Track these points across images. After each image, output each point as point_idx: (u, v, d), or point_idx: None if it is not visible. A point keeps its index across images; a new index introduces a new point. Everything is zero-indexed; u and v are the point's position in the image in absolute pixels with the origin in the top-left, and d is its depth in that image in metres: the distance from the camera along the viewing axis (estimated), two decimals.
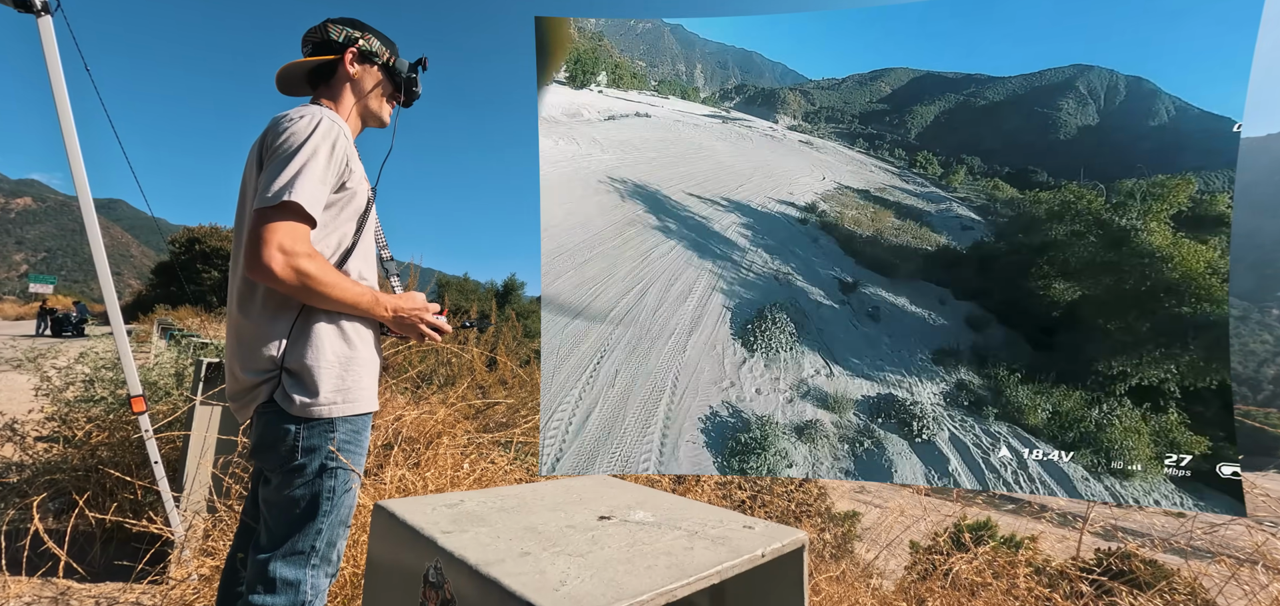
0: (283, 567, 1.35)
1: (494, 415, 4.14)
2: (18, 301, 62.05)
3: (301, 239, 1.30)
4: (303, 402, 1.34)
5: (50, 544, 2.30)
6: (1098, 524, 2.61)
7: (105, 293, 2.55)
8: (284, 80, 1.60)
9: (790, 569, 1.44)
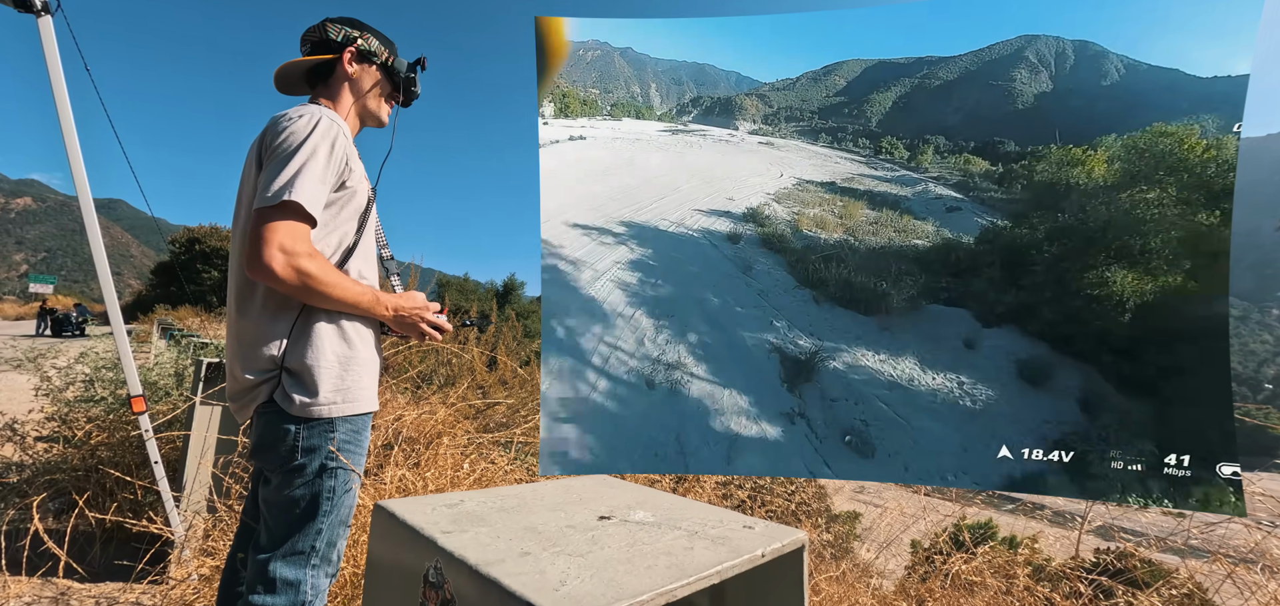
0: (283, 567, 1.35)
1: (494, 415, 4.14)
2: (18, 301, 62.04)
3: (302, 238, 1.30)
4: (303, 402, 1.34)
5: (50, 544, 2.30)
6: (1096, 523, 2.61)
7: (105, 293, 2.55)
8: (282, 79, 1.60)
9: (790, 569, 1.44)
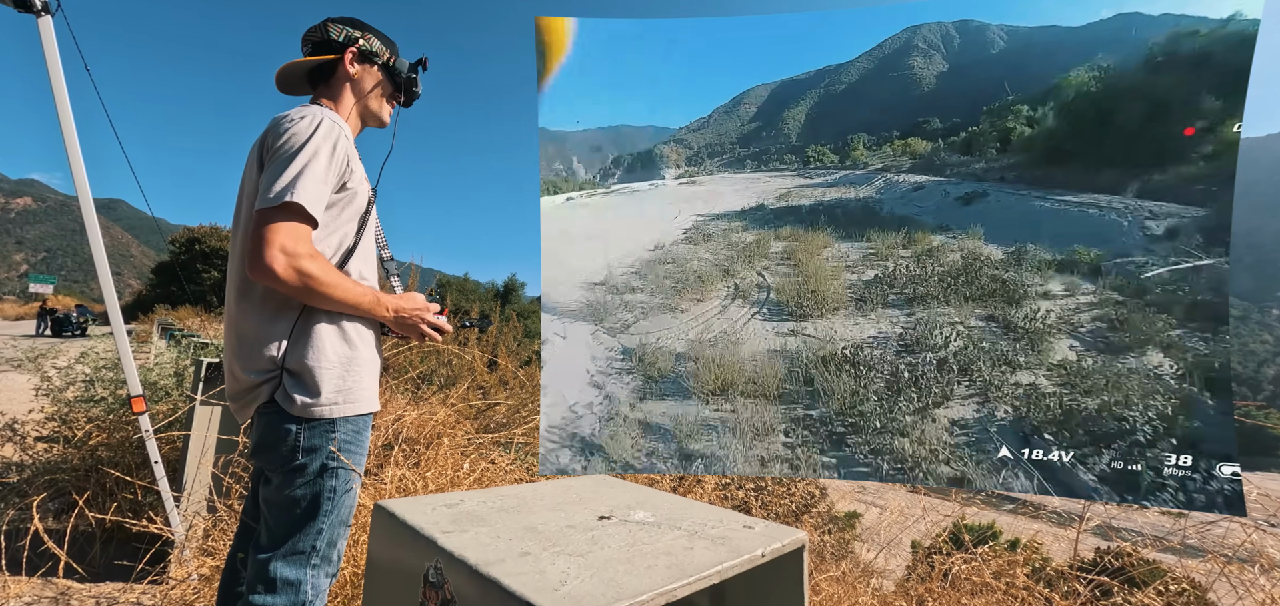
0: (283, 567, 1.35)
1: (494, 415, 4.14)
2: (18, 301, 62.03)
3: (303, 239, 1.30)
4: (304, 403, 1.35)
5: (50, 544, 2.30)
6: (1096, 523, 2.61)
7: (105, 293, 2.55)
8: (284, 80, 1.60)
9: (790, 569, 1.44)
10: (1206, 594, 2.33)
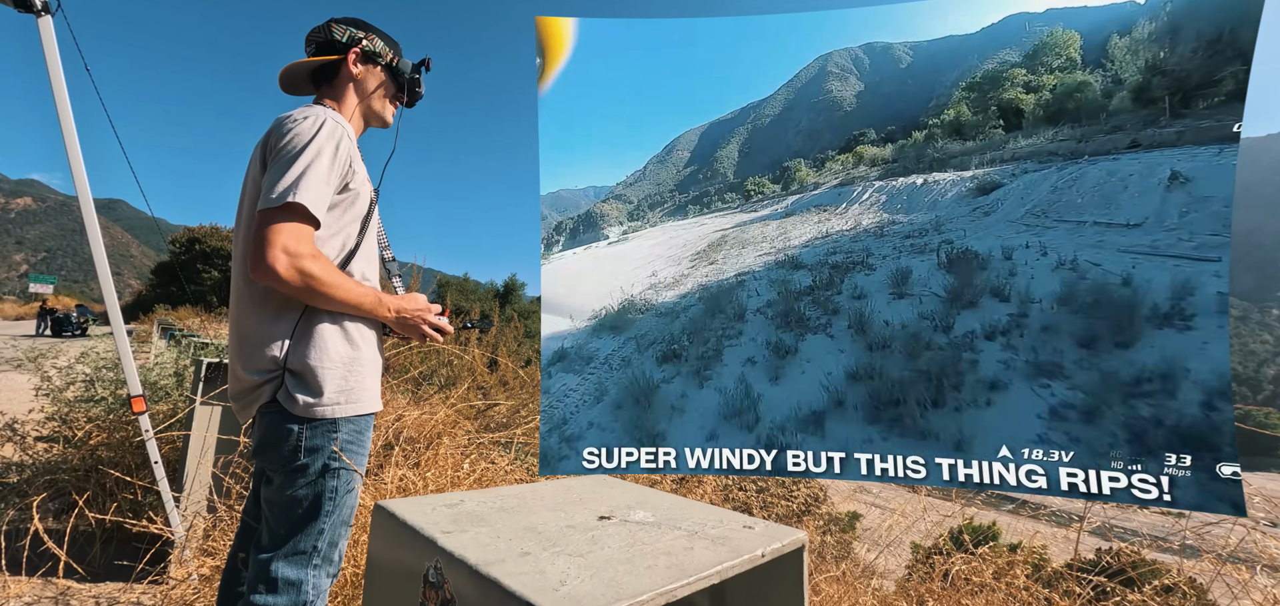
0: (284, 567, 1.35)
1: (494, 415, 4.14)
2: (18, 301, 62.05)
3: (305, 240, 1.30)
4: (306, 403, 1.35)
5: (50, 544, 2.30)
6: (1096, 523, 2.61)
7: (105, 293, 2.55)
8: (287, 80, 1.60)
9: (790, 569, 1.44)
10: (1206, 594, 2.33)
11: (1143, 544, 2.52)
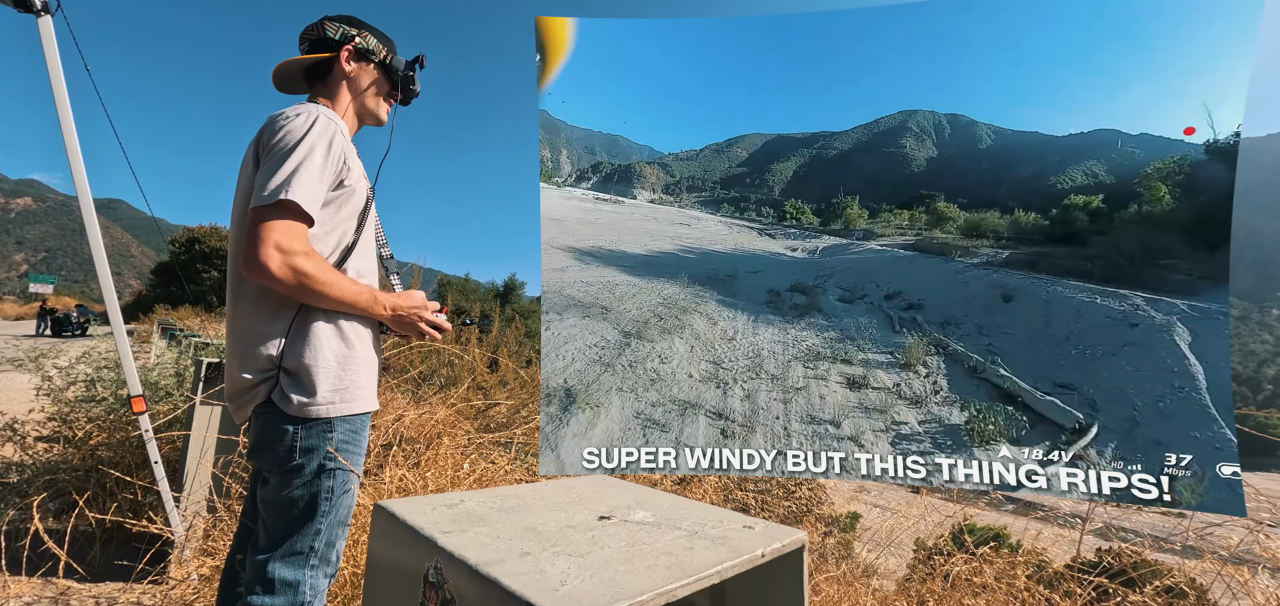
0: (281, 568, 1.34)
1: (494, 415, 4.14)
2: (18, 301, 62.06)
3: (299, 237, 1.29)
4: (300, 402, 1.34)
5: (50, 544, 2.30)
6: (1097, 523, 2.61)
7: (105, 293, 2.55)
8: (281, 78, 1.59)
9: (790, 569, 1.44)
10: (1206, 594, 2.32)
11: (1144, 544, 2.51)
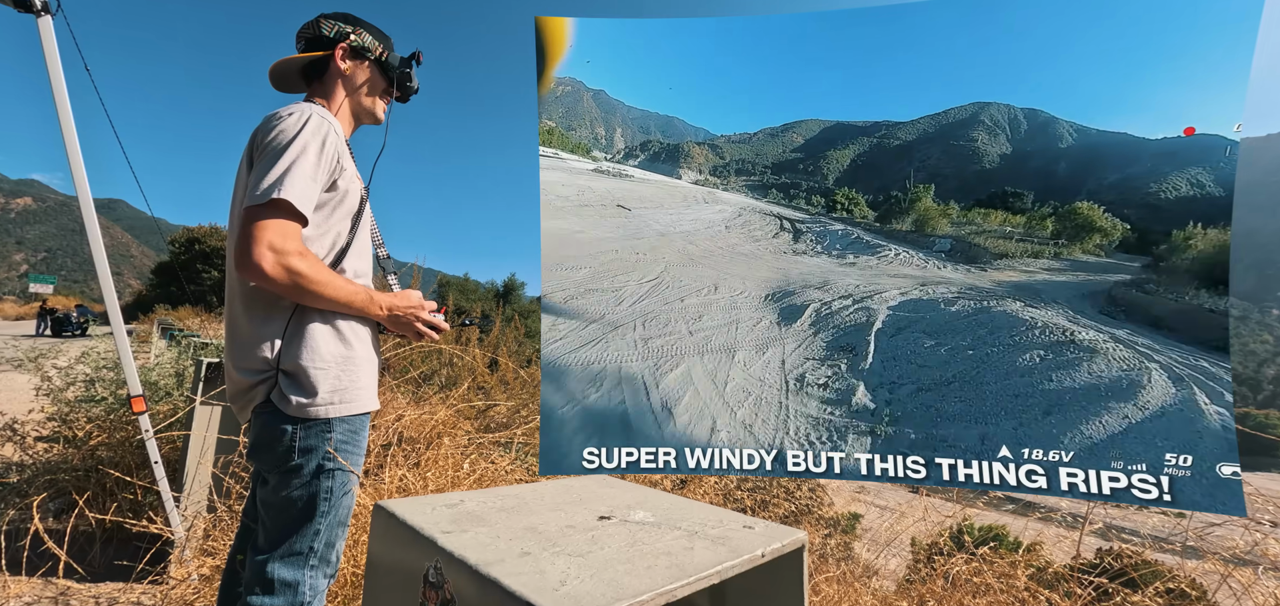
0: (281, 568, 1.34)
1: (495, 415, 4.14)
2: (18, 301, 62.07)
3: (292, 237, 1.29)
4: (298, 403, 1.34)
5: (50, 544, 2.30)
6: (1097, 523, 2.61)
7: (105, 293, 2.55)
8: (277, 77, 1.58)
9: (790, 569, 1.44)
10: (1207, 594, 2.32)
11: (1144, 545, 2.51)
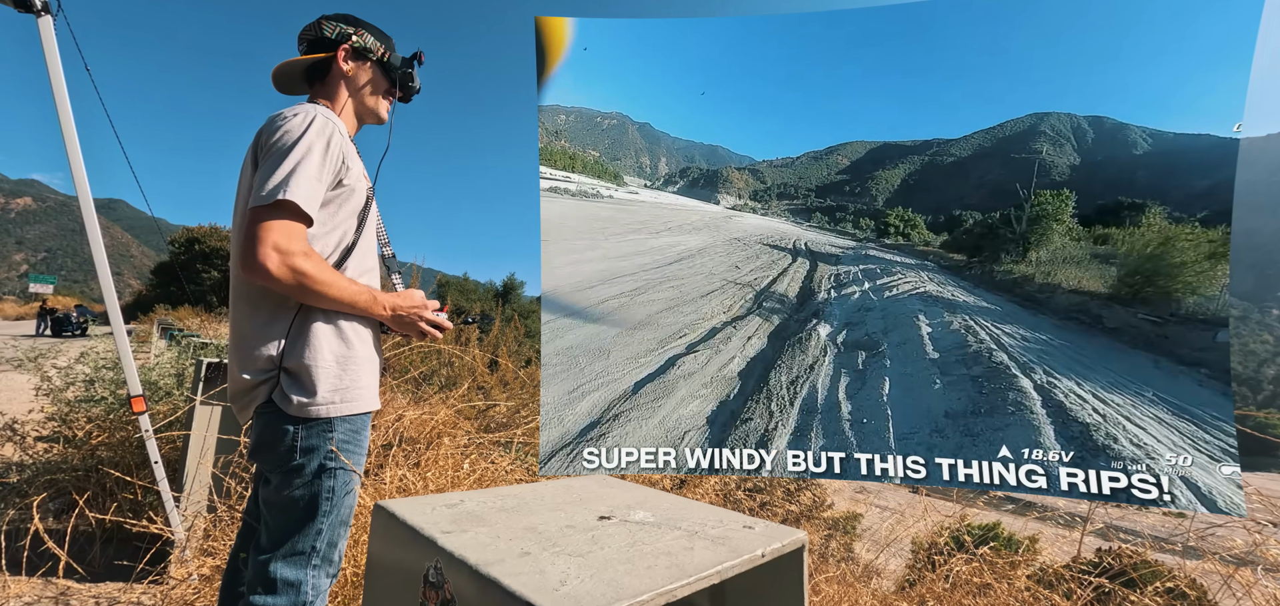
0: (283, 568, 1.35)
1: (495, 415, 4.14)
2: (18, 301, 62.09)
3: (297, 237, 1.29)
4: (300, 403, 1.34)
5: (50, 544, 2.30)
6: (1098, 523, 2.61)
7: (105, 293, 2.55)
8: (280, 79, 1.59)
9: (790, 569, 1.44)
10: (1207, 595, 2.33)
11: (1144, 545, 2.51)
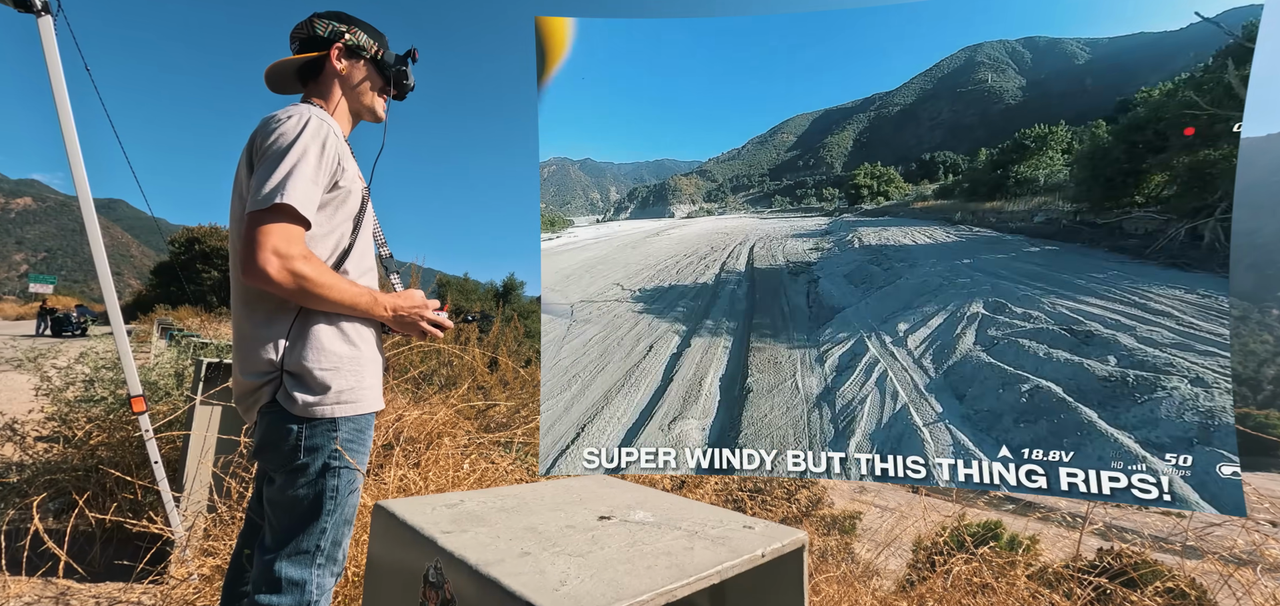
0: (288, 567, 1.35)
1: (495, 415, 4.14)
2: (18, 301, 62.09)
3: (296, 241, 1.29)
4: (304, 402, 1.34)
5: (50, 544, 2.30)
6: (1098, 524, 2.61)
7: (105, 293, 2.55)
8: (274, 79, 1.58)
9: (790, 569, 1.44)
10: (1207, 594, 2.33)
11: (1144, 544, 2.51)
